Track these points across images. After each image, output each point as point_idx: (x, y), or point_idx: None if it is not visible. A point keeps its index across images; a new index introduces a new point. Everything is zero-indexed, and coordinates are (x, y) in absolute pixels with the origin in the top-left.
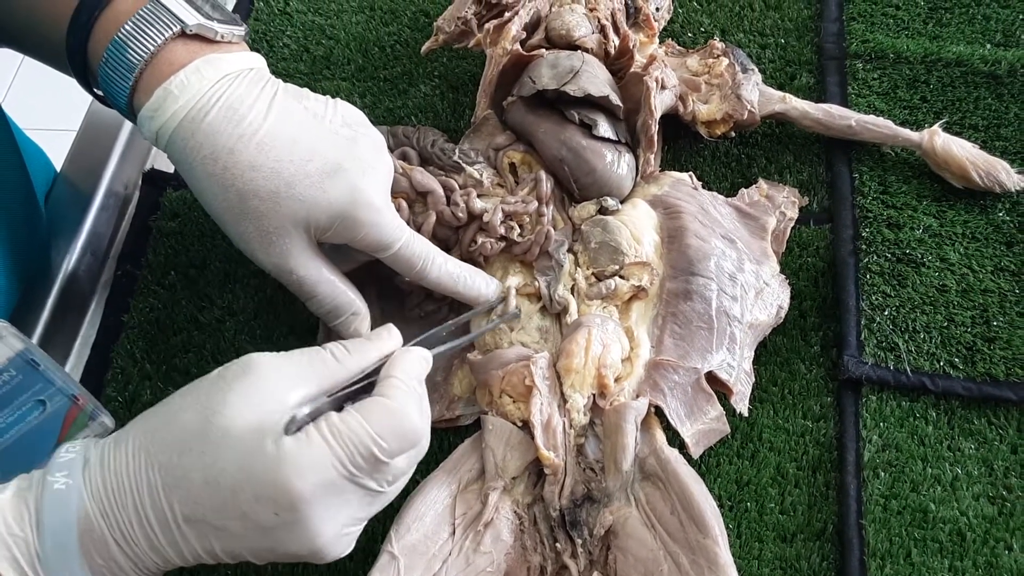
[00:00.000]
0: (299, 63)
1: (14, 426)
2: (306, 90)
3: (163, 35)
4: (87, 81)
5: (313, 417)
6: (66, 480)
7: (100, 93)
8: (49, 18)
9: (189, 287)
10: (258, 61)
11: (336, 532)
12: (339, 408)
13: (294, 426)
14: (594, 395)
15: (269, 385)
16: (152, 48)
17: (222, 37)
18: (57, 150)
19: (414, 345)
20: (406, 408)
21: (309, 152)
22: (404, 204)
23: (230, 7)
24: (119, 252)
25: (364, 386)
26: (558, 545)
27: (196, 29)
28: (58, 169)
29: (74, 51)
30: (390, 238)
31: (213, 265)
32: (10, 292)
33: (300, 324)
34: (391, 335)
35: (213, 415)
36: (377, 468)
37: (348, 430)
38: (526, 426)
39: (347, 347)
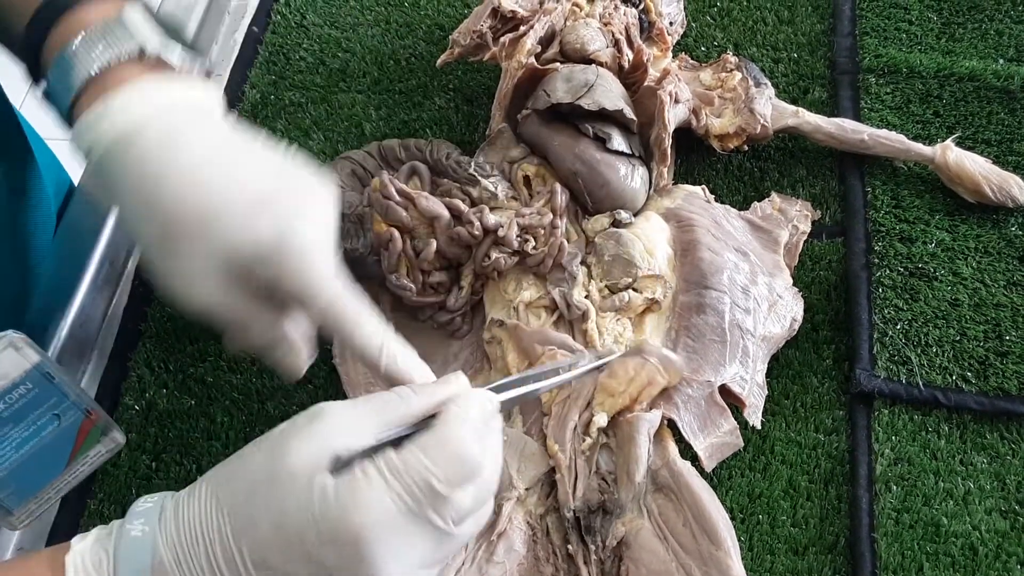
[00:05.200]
0: (315, 75)
1: (30, 440)
2: (256, 135)
3: (119, 53)
4: (36, 75)
5: (369, 454)
6: (143, 527)
7: (45, 90)
8: (16, 5)
9: None
10: (213, 96)
11: (405, 573)
12: (398, 445)
13: (341, 463)
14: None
15: (333, 428)
16: (105, 62)
17: (181, 67)
18: (71, 162)
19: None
20: (459, 435)
21: (241, 184)
22: (396, 234)
23: (247, 19)
24: (136, 262)
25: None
26: (569, 547)
27: (155, 53)
28: (76, 181)
29: (30, 45)
30: (314, 290)
31: None
32: (23, 300)
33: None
34: (458, 380)
35: (279, 459)
36: (437, 501)
37: (403, 463)
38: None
39: (414, 389)
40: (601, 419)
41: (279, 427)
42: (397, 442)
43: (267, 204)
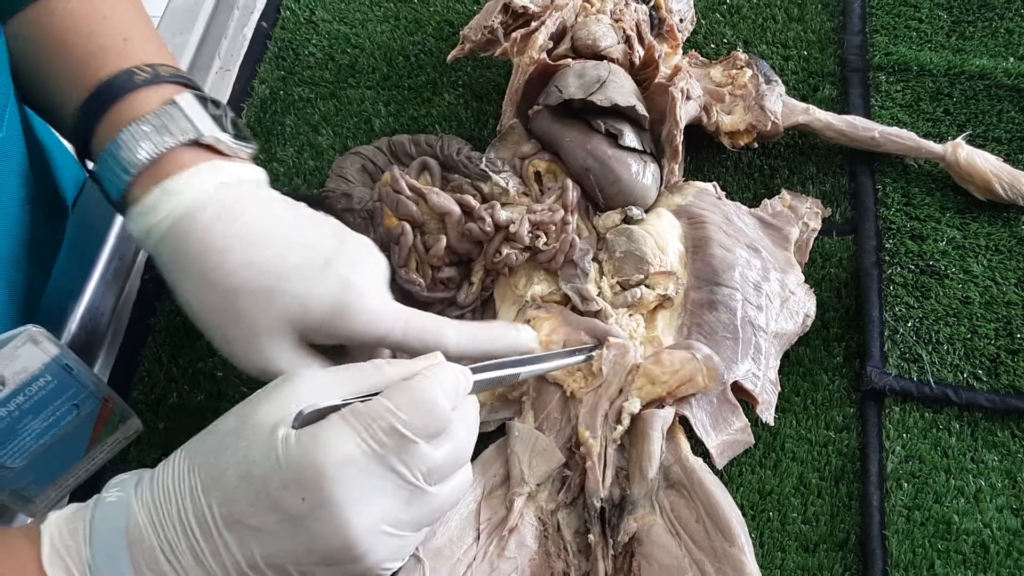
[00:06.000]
0: (324, 71)
1: (49, 430)
2: (302, 204)
3: (176, 140)
4: (84, 156)
5: (336, 410)
6: (119, 494)
7: (93, 169)
8: (66, 89)
9: None
10: (259, 174)
11: (371, 525)
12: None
13: (307, 420)
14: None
15: (302, 388)
16: (162, 148)
17: (231, 151)
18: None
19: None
20: (426, 386)
21: (301, 248)
22: (408, 227)
23: (256, 14)
24: (146, 257)
25: None
26: (591, 538)
27: (209, 140)
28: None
29: (81, 128)
30: (388, 324)
31: None
32: (34, 294)
33: None
34: (435, 356)
35: (249, 416)
36: (402, 446)
37: (367, 409)
38: (566, 398)
39: (390, 361)
40: (634, 405)
41: (255, 393)
42: (365, 400)
43: (329, 264)
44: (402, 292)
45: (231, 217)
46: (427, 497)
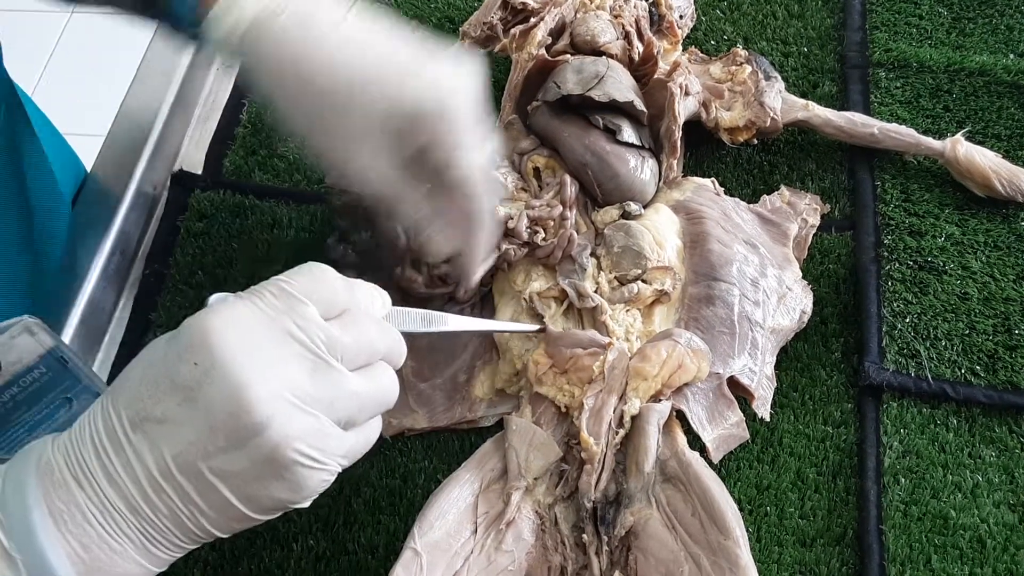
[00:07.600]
0: None
1: (42, 424)
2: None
3: None
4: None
5: None
6: (36, 442)
7: (161, 12)
8: None
9: (215, 287)
10: None
11: (270, 388)
12: None
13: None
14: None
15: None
16: None
17: None
18: (84, 154)
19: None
20: (326, 270)
21: (390, 52)
22: None
23: None
24: (147, 251)
25: None
26: (585, 537)
27: None
28: (88, 170)
29: None
30: (462, 152)
31: (239, 265)
32: (34, 287)
33: None
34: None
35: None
36: (293, 308)
37: (260, 284)
38: (564, 413)
39: None
40: (634, 406)
41: None
42: None
43: (420, 71)
44: (400, 290)
45: (312, 23)
46: (335, 373)
